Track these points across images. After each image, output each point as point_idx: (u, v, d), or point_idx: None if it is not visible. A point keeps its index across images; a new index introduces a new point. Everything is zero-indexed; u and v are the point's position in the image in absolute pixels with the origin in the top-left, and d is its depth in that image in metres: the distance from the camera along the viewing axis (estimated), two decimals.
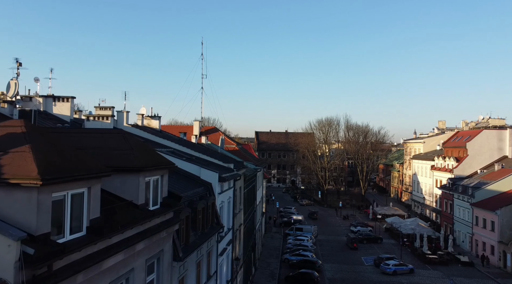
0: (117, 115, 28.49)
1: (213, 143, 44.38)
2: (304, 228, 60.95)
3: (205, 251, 20.17)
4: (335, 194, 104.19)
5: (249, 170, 38.30)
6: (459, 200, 59.34)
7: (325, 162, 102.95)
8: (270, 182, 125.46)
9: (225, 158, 32.53)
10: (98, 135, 14.31)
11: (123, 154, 13.05)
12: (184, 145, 29.79)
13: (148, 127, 32.81)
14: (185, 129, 49.90)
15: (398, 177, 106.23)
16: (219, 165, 27.72)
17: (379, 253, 53.49)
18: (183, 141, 32.82)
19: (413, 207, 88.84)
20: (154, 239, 13.25)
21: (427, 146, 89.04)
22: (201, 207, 19.71)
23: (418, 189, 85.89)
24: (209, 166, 25.22)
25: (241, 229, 32.75)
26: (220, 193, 23.67)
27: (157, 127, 33.30)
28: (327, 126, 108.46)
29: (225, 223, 25.26)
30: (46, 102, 22.60)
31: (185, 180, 21.56)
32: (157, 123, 33.33)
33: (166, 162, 14.86)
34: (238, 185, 30.31)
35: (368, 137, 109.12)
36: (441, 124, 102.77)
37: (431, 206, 76.71)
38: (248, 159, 46.18)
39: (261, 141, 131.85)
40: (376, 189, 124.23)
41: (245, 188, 34.85)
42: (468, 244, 55.86)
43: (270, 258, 50.07)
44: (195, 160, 25.50)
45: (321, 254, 53.10)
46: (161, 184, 14.49)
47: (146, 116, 33.21)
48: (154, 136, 28.49)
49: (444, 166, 71.85)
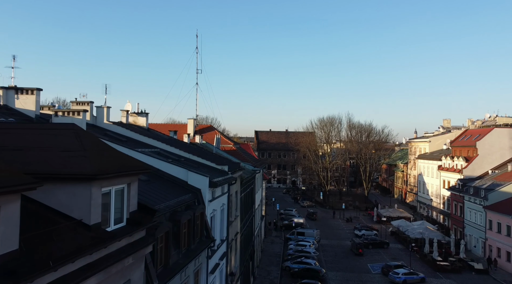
0: (96, 111, 25.23)
1: (208, 142, 41.10)
2: (306, 232, 57.60)
3: (191, 271, 16.87)
4: (337, 195, 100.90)
5: (246, 171, 35.02)
6: (470, 202, 56.00)
7: (326, 162, 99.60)
8: (270, 182, 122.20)
9: (220, 159, 29.23)
10: (44, 132, 11.03)
11: (71, 156, 9.77)
12: (173, 144, 26.53)
13: (134, 125, 29.54)
14: (178, 128, 46.63)
15: (402, 177, 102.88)
16: (212, 167, 24.44)
17: (386, 259, 50.23)
18: (173, 141, 29.52)
19: (418, 209, 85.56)
20: (114, 270, 9.95)
21: (433, 145, 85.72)
22: (187, 219, 16.43)
23: (424, 190, 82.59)
24: (199, 168, 21.92)
25: (238, 238, 29.46)
26: (212, 200, 20.37)
27: (144, 125, 29.98)
28: (329, 125, 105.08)
29: (217, 235, 21.97)
30: (7, 95, 19.35)
31: (168, 186, 18.28)
32: (144, 120, 30.01)
33: (136, 166, 11.56)
34: (234, 189, 27.03)
35: (371, 137, 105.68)
36: (446, 123, 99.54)
37: (438, 207, 73.41)
38: (246, 159, 42.89)
39: (260, 141, 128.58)
40: (379, 190, 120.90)
41: (242, 191, 31.58)
42: (481, 249, 52.51)
43: (270, 266, 46.76)
44: (183, 162, 22.21)
45: (324, 260, 49.79)
46: (128, 195, 11.21)
47: (131, 113, 29.91)
48: (138, 135, 25.21)
49: (453, 166, 68.54)
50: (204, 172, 21.02)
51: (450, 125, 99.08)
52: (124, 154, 12.33)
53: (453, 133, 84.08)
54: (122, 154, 12.14)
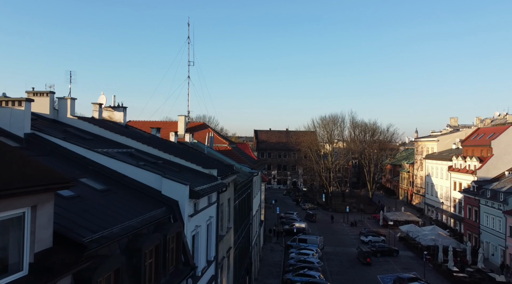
0: (58, 103, 20.83)
1: (200, 142, 36.72)
2: (309, 239, 53.12)
3: None
4: (340, 196, 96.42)
5: (242, 174, 30.66)
6: (488, 206, 51.56)
7: (329, 162, 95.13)
8: (270, 183, 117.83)
9: (209, 161, 24.84)
10: None
11: None
12: (154, 144, 22.15)
13: (109, 121, 25.14)
14: (165, 125, 42.19)
15: (408, 178, 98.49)
16: (198, 171, 20.05)
17: (396, 270, 45.87)
18: (155, 140, 25.09)
19: (426, 212, 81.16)
20: None
21: (441, 145, 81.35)
22: (154, 245, 12.04)
23: (432, 191, 78.17)
24: (179, 174, 17.54)
25: (231, 253, 25.07)
26: (194, 214, 15.97)
27: (121, 121, 25.54)
28: (332, 123, 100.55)
29: (202, 257, 17.58)
30: None
31: (134, 198, 13.90)
32: (121, 116, 25.56)
33: (49, 178, 7.18)
34: (226, 197, 22.65)
35: (375, 136, 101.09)
36: (453, 122, 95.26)
37: (448, 211, 68.97)
38: (243, 160, 38.50)
39: (260, 140, 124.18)
40: (383, 191, 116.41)
41: (237, 198, 27.20)
42: (500, 258, 48.05)
43: (269, 278, 42.34)
44: (159, 166, 17.80)
45: (329, 271, 45.39)
46: (31, 224, 6.85)
47: (106, 107, 25.50)
48: (110, 133, 20.80)
49: (465, 167, 64.16)
50: (185, 178, 16.65)
51: (457, 124, 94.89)
52: (38, 161, 7.95)
53: (462, 132, 79.76)
54: (36, 162, 7.75)
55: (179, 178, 15.93)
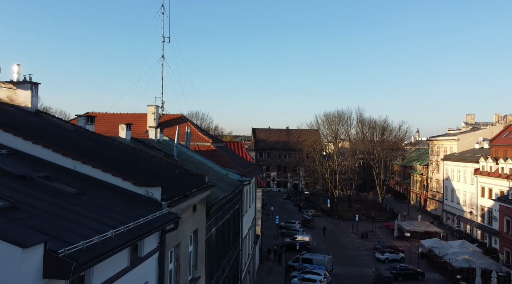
0: None
1: (172, 139, 27.33)
2: (315, 259, 43.64)
3: None
4: (346, 201, 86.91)
5: (225, 185, 21.27)
6: None
7: (334, 163, 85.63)
8: (269, 186, 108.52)
9: (160, 169, 15.36)
10: None
11: None
12: (69, 142, 12.73)
13: (7, 104, 15.73)
14: (143, 119, 32.90)
15: (421, 181, 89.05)
16: (123, 191, 10.60)
17: None
18: (74, 135, 15.51)
19: (445, 220, 71.83)
20: None
21: (462, 144, 71.96)
22: None
23: (453, 197, 68.77)
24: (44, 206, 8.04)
25: None
26: None
27: (28, 105, 16.11)
28: (337, 121, 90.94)
29: None
30: None
31: None
32: (28, 96, 16.16)
33: None
34: (185, 231, 13.23)
35: (385, 135, 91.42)
36: (469, 119, 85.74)
37: (474, 221, 59.57)
38: (230, 164, 29.02)
39: (258, 139, 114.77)
40: (392, 194, 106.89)
41: (212, 226, 17.77)
42: None
43: None
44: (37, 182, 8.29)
45: None
46: None
47: (5, 82, 16.14)
48: None
49: (496, 170, 54.77)
50: (50, 222, 7.21)
51: (474, 121, 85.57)
52: None
53: (486, 130, 70.60)
54: None
55: (23, 225, 6.46)
